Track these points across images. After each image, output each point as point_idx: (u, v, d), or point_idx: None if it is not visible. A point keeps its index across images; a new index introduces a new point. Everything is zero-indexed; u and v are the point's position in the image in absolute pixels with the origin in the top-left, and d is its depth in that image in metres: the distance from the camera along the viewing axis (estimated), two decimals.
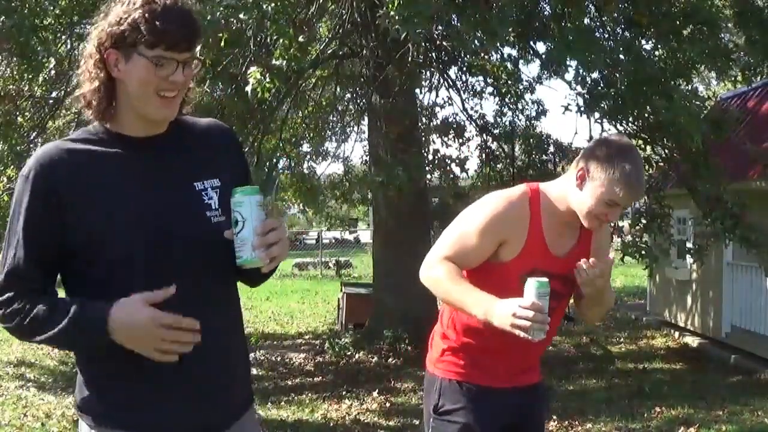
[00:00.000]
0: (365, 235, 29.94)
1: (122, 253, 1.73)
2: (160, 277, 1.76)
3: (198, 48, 1.84)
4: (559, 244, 2.44)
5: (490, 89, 10.63)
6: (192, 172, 1.88)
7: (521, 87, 10.27)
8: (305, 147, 13.33)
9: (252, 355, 9.15)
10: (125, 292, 1.72)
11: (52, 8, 7.80)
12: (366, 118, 11.06)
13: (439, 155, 9.94)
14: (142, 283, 1.73)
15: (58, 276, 1.87)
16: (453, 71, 10.64)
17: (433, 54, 9.39)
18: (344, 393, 7.58)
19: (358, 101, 12.16)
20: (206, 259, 1.81)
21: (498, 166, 10.49)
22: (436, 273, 2.39)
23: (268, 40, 7.07)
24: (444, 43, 8.97)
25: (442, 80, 10.28)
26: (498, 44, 6.93)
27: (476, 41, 6.58)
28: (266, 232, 1.76)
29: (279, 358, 9.53)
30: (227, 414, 1.92)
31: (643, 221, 7.62)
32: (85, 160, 1.80)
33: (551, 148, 10.16)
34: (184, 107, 1.92)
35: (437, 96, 16.34)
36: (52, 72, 8.32)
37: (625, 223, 8.07)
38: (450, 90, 10.52)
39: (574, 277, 2.36)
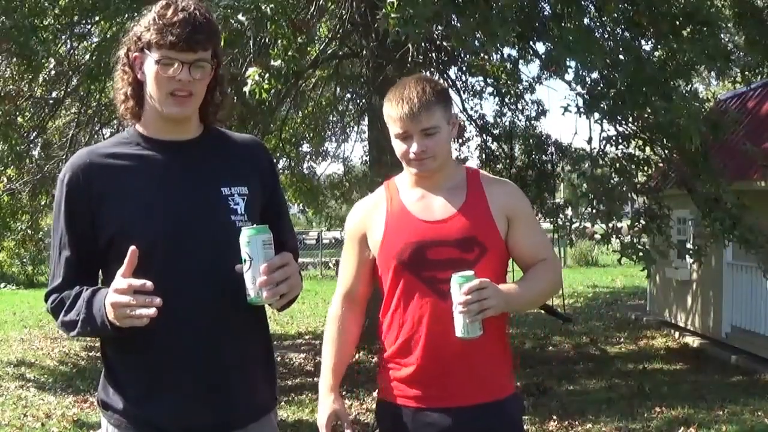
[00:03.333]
0: None
1: (143, 248, 1.78)
2: (178, 272, 1.83)
3: (209, 51, 1.87)
4: (435, 208, 2.24)
5: (489, 89, 10.64)
6: (220, 177, 1.93)
7: (521, 87, 10.28)
8: (305, 147, 13.32)
9: None
10: None
11: (51, 8, 7.80)
12: (366, 118, 11.06)
13: None
14: (161, 277, 1.77)
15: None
16: (453, 71, 10.66)
17: (433, 54, 9.38)
18: (344, 393, 7.57)
19: (358, 101, 12.17)
20: (227, 261, 1.83)
21: (498, 166, 10.48)
22: (328, 318, 2.51)
23: (267, 41, 7.07)
24: (444, 43, 8.96)
25: (442, 80, 10.28)
26: (498, 44, 6.92)
27: (476, 41, 6.58)
28: (272, 271, 1.78)
29: (279, 359, 9.53)
30: (242, 415, 1.94)
31: (642, 222, 7.60)
32: (115, 162, 1.90)
33: (551, 149, 10.15)
34: (217, 114, 1.99)
35: None
36: (52, 72, 8.32)
37: (623, 224, 8.03)
38: (450, 90, 10.51)
39: (476, 237, 2.19)
